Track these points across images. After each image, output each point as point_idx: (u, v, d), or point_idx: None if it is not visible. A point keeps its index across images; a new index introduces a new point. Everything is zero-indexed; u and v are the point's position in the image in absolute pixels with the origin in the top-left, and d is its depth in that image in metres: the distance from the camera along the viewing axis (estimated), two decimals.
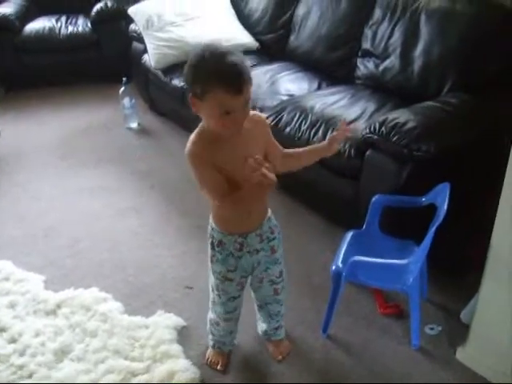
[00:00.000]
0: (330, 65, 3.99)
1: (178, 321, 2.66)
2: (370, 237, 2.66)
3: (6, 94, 5.41)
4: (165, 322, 2.63)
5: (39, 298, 2.78)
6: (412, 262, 2.34)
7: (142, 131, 4.63)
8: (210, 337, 2.46)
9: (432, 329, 2.59)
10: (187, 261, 3.07)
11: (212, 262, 2.13)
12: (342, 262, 2.49)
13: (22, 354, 2.47)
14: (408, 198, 2.60)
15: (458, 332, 2.53)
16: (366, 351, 2.50)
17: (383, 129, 2.78)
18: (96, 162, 4.16)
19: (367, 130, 2.87)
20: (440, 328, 2.60)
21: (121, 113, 4.70)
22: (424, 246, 2.29)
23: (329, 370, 2.42)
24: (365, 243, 2.62)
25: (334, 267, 2.47)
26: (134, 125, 4.68)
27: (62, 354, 2.47)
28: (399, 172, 2.73)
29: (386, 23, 3.63)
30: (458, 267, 2.82)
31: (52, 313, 2.71)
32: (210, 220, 2.10)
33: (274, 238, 2.15)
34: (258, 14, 4.62)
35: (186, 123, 4.54)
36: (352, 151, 2.99)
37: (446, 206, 2.25)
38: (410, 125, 2.74)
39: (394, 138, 2.72)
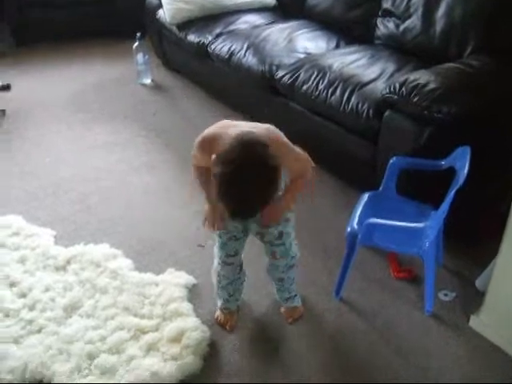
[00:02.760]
0: (349, 24, 3.89)
1: (189, 279, 2.63)
2: (387, 199, 2.61)
3: (17, 48, 5.32)
4: (175, 280, 2.60)
5: (49, 253, 2.76)
6: (429, 226, 2.29)
7: (156, 87, 4.56)
8: (218, 299, 2.45)
9: (446, 295, 2.55)
10: (200, 219, 3.00)
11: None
12: (358, 223, 2.43)
13: (31, 308, 2.45)
14: (427, 161, 2.53)
15: (473, 299, 2.50)
16: (378, 315, 2.46)
17: (403, 89, 2.70)
18: (109, 118, 4.10)
19: (387, 90, 2.79)
20: (454, 294, 2.55)
21: (134, 68, 4.62)
22: (442, 211, 2.23)
23: (341, 334, 2.38)
24: (381, 205, 2.57)
25: (349, 229, 2.42)
26: (148, 81, 4.61)
27: (71, 309, 2.45)
28: (419, 134, 2.65)
29: None
30: (474, 234, 2.76)
31: (62, 268, 2.69)
32: None
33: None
34: None
35: (199, 79, 4.48)
36: (370, 111, 2.92)
37: (466, 170, 2.18)
38: (432, 86, 2.65)
39: (415, 99, 2.63)
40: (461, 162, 2.30)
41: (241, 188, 1.63)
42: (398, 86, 2.74)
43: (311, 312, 2.50)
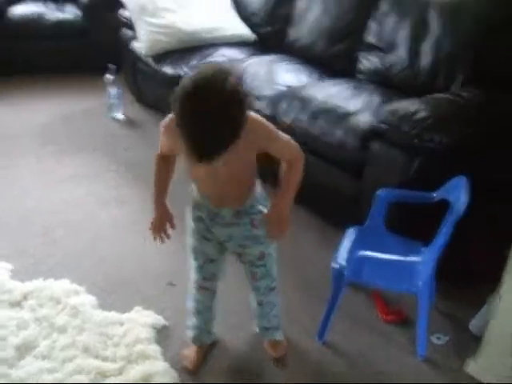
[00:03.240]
0: (331, 58, 3.76)
1: (158, 319, 2.41)
2: (374, 234, 2.43)
3: None
4: (142, 320, 2.37)
5: (4, 287, 2.50)
6: (424, 261, 2.10)
7: (127, 122, 4.38)
8: (189, 330, 2.24)
9: (439, 338, 2.36)
10: (171, 255, 2.80)
11: (193, 219, 1.98)
12: (344, 260, 2.24)
13: None
14: (417, 193, 2.38)
15: (467, 343, 2.33)
16: (366, 360, 2.26)
17: (392, 118, 2.56)
18: (78, 150, 3.90)
19: (375, 119, 2.64)
20: (447, 338, 2.37)
21: (106, 102, 4.43)
22: (438, 244, 2.06)
23: (323, 377, 2.17)
24: (367, 241, 2.39)
25: (335, 265, 2.23)
26: (119, 115, 4.43)
27: (25, 350, 2.20)
28: (408, 165, 2.51)
29: (393, 16, 3.41)
30: (467, 274, 2.57)
31: (17, 304, 2.43)
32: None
33: (255, 213, 1.92)
34: (256, 6, 4.38)
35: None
36: (356, 142, 2.76)
37: (463, 202, 2.02)
38: (422, 114, 2.52)
39: (405, 128, 2.49)
40: (455, 193, 2.16)
41: (197, 117, 1.47)
42: (386, 114, 2.60)
43: (293, 351, 2.28)
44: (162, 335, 2.34)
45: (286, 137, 1.84)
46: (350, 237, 2.42)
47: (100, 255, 2.84)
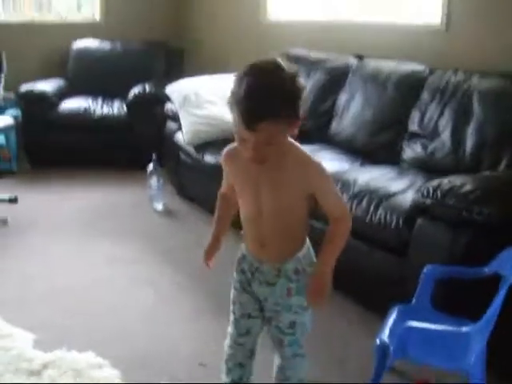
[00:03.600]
0: (374, 149, 3.73)
1: None
2: (420, 313, 2.24)
3: (32, 169, 5.23)
4: None
5: (25, 355, 2.38)
6: (476, 331, 1.91)
7: (168, 213, 4.35)
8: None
9: None
10: (203, 337, 2.66)
11: (235, 271, 1.93)
12: (387, 336, 2.06)
13: None
14: (467, 269, 2.23)
15: None
16: None
17: (438, 192, 2.45)
18: (115, 236, 3.87)
19: (419, 194, 2.53)
20: None
21: (147, 194, 4.44)
22: (491, 313, 1.87)
23: None
24: (413, 319, 2.19)
25: (378, 341, 2.05)
26: (160, 206, 4.41)
27: None
28: (456, 240, 2.38)
29: (434, 104, 3.42)
30: None
31: (36, 373, 2.29)
32: None
33: (294, 281, 1.81)
34: None
35: (211, 204, 4.27)
36: (400, 221, 2.66)
37: None
38: (468, 187, 2.41)
39: (451, 201, 2.38)
40: (508, 265, 1.99)
41: (254, 79, 1.52)
42: (431, 189, 2.50)
43: None
44: None
45: (339, 193, 1.81)
46: (394, 315, 2.24)
47: (129, 333, 2.72)
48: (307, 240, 1.87)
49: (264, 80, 1.52)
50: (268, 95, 1.50)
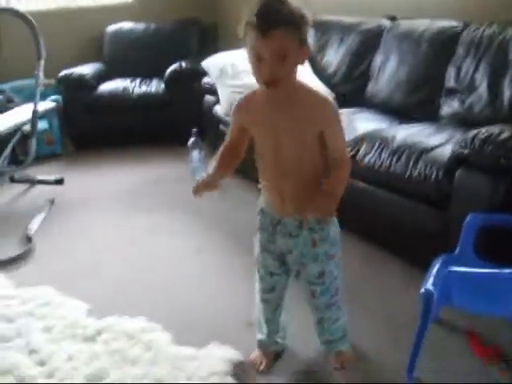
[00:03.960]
0: (411, 108, 3.70)
1: (235, 354, 2.27)
2: (464, 262, 2.23)
3: (76, 151, 5.38)
4: (218, 354, 2.25)
5: (79, 323, 2.47)
6: None
7: None
8: (257, 334, 2.19)
9: None
10: (250, 298, 2.69)
11: (258, 229, 2.00)
12: (433, 284, 2.07)
13: (49, 376, 2.12)
14: (508, 216, 2.19)
15: None
16: None
17: (475, 141, 2.43)
18: (159, 209, 3.94)
19: (457, 146, 2.52)
20: None
21: (189, 167, 4.48)
22: None
23: None
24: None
25: (423, 289, 2.05)
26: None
27: (94, 379, 2.11)
28: (496, 188, 2.37)
29: (470, 58, 3.37)
30: None
31: (91, 339, 2.38)
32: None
33: (317, 230, 1.87)
34: (334, 67, 4.43)
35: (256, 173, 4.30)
36: (440, 173, 2.65)
37: None
38: (506, 135, 2.40)
39: (489, 149, 2.36)
40: None
41: (264, 4, 1.64)
42: (468, 139, 2.48)
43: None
44: (239, 370, 2.21)
45: (345, 138, 1.84)
46: (438, 265, 2.24)
47: (178, 298, 2.78)
48: None
49: (275, 1, 1.64)
50: (279, 8, 1.62)
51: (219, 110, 4.42)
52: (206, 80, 4.72)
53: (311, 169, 1.83)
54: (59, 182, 4.43)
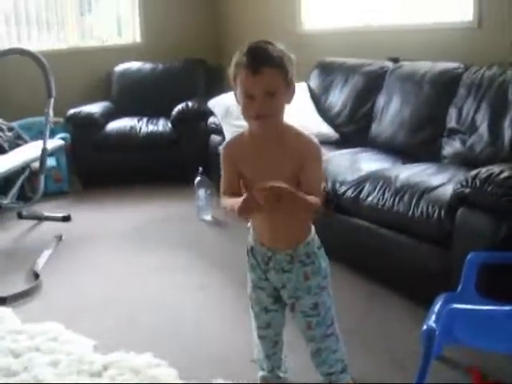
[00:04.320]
0: (414, 148, 3.77)
1: None
2: (465, 300, 2.26)
3: (84, 189, 5.45)
4: None
5: (85, 359, 2.50)
6: None
7: (215, 223, 4.45)
8: (259, 370, 2.17)
9: None
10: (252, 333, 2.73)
11: (248, 268, 2.02)
12: (435, 322, 2.10)
13: None
14: (509, 254, 2.24)
15: None
16: None
17: (476, 180, 2.49)
18: (164, 246, 3.99)
19: (458, 185, 2.57)
20: None
21: (195, 205, 4.55)
22: None
23: None
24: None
25: (425, 326, 2.09)
26: (208, 217, 4.51)
27: None
28: (497, 226, 2.42)
29: (471, 99, 3.46)
30: None
31: (97, 374, 2.41)
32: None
33: (308, 264, 1.91)
34: (338, 108, 4.53)
35: None
36: (442, 212, 2.70)
37: None
38: (506, 173, 2.46)
39: (490, 188, 2.42)
40: None
41: (255, 42, 1.76)
42: (469, 178, 2.54)
43: None
44: None
45: (321, 181, 1.91)
46: (440, 303, 2.28)
47: (183, 334, 2.81)
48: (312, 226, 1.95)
49: (262, 43, 1.76)
50: (267, 49, 1.73)
51: None
52: (211, 120, 4.83)
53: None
54: (66, 218, 4.49)
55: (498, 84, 3.29)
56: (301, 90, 4.52)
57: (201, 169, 4.50)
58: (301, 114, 4.44)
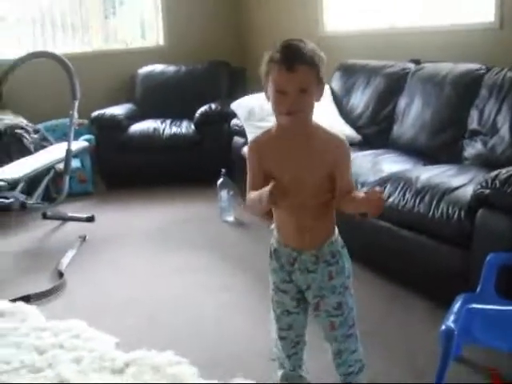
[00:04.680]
0: (436, 150, 3.77)
1: None
2: (485, 300, 2.26)
3: (107, 190, 5.52)
4: None
5: (108, 356, 2.54)
6: None
7: (238, 224, 4.48)
8: (278, 372, 2.15)
9: None
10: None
11: (270, 271, 2.01)
12: (454, 322, 2.11)
13: None
14: None
15: None
16: None
17: (496, 181, 2.49)
18: (187, 247, 4.02)
19: (478, 186, 2.57)
20: None
21: (217, 207, 4.59)
22: None
23: None
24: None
25: (444, 326, 2.10)
26: (230, 218, 4.54)
27: None
28: None
29: (492, 100, 3.46)
30: None
31: (119, 371, 2.45)
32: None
33: (333, 263, 1.92)
34: (360, 109, 4.53)
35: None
36: (462, 213, 2.71)
37: None
38: None
39: (509, 189, 2.42)
40: None
41: (289, 40, 1.78)
42: (489, 179, 2.54)
43: None
44: None
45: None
46: (459, 304, 2.28)
47: (204, 334, 2.85)
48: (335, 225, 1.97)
49: (295, 41, 1.77)
50: (301, 46, 1.75)
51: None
52: (234, 122, 4.87)
53: (326, 200, 1.89)
54: (90, 219, 4.56)
55: None
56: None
57: (223, 170, 4.53)
58: (323, 115, 4.45)
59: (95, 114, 5.47)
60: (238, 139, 4.85)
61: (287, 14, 5.75)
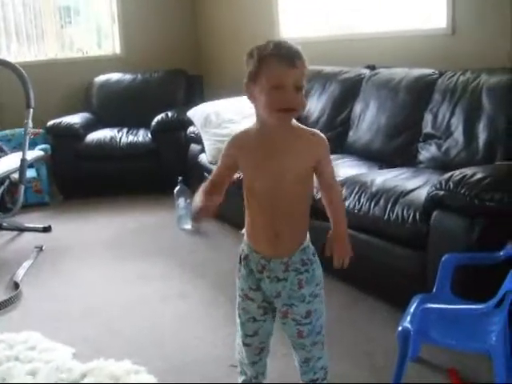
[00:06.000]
0: (391, 153, 3.80)
1: None
2: (441, 301, 2.30)
3: (64, 199, 5.45)
4: None
5: (64, 367, 2.49)
6: (489, 310, 1.97)
7: (196, 232, 4.45)
8: (239, 376, 2.14)
9: None
10: (233, 342, 2.73)
11: (238, 276, 1.97)
12: (410, 323, 2.13)
13: None
14: (482, 254, 2.30)
15: None
16: None
17: (450, 182, 2.53)
18: (144, 256, 3.99)
19: (433, 188, 2.61)
20: None
21: (175, 215, 4.56)
22: (502, 293, 1.93)
23: None
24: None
25: (400, 327, 2.11)
26: (188, 226, 4.51)
27: None
28: (471, 228, 2.44)
29: (446, 104, 3.50)
30: None
31: (75, 382, 2.39)
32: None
33: (303, 272, 1.89)
34: (315, 115, 4.55)
35: (240, 220, 4.37)
36: (417, 215, 2.73)
37: None
38: (479, 175, 2.49)
39: (463, 190, 2.45)
40: None
41: (281, 40, 1.80)
42: (443, 181, 2.58)
43: None
44: None
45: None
46: (415, 305, 2.30)
47: (161, 342, 2.81)
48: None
49: (283, 41, 1.80)
50: (293, 45, 1.78)
51: (204, 158, 4.52)
52: (191, 129, 4.86)
53: (305, 204, 1.89)
54: (47, 229, 4.49)
55: (472, 89, 3.34)
56: None
57: (180, 178, 4.51)
58: None
59: (51, 122, 5.41)
60: (194, 147, 4.84)
61: (243, 22, 5.77)
